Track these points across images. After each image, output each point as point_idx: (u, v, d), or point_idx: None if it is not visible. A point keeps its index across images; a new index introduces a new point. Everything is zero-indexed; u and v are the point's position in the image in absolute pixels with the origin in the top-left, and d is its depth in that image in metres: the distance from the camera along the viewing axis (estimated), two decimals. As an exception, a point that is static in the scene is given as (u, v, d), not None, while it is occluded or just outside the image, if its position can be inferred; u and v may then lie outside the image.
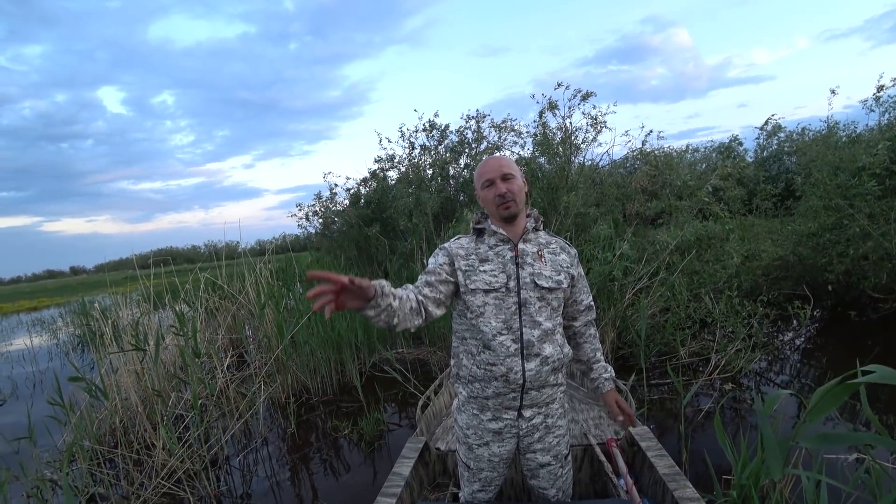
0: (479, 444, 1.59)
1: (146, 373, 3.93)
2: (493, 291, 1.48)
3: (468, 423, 1.61)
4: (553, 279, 1.51)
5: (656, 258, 5.21)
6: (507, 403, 1.52)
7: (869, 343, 5.01)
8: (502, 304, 1.48)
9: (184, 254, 40.47)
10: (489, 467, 1.60)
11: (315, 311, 1.39)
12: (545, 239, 1.59)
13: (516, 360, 1.47)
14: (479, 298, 1.49)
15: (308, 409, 4.46)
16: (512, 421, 1.55)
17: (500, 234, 1.52)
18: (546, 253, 1.55)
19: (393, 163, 9.21)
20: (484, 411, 1.56)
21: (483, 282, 1.49)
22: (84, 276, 37.04)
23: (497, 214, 1.52)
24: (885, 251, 5.18)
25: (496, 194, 1.48)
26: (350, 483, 3.21)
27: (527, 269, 1.49)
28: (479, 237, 1.58)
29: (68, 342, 9.12)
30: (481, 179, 1.53)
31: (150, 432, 3.61)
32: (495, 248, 1.53)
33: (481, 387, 1.53)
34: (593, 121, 7.32)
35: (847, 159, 5.78)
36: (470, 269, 1.51)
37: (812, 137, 12.82)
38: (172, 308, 5.03)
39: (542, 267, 1.51)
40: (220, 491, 3.18)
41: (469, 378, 1.56)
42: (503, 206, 1.49)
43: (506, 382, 1.48)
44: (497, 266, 1.50)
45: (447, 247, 1.56)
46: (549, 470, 1.60)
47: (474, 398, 1.57)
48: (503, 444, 1.57)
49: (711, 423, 3.50)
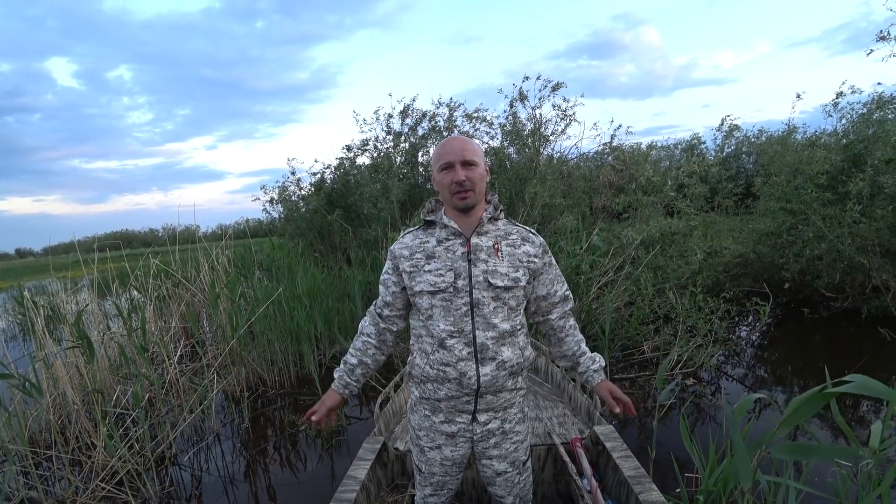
0: (431, 447, 1.49)
1: (87, 367, 3.67)
2: (440, 292, 1.35)
3: (420, 424, 1.51)
4: (509, 276, 1.36)
5: (622, 252, 5.24)
6: (461, 407, 1.42)
7: (819, 339, 5.21)
8: (450, 306, 1.34)
9: (141, 237, 38.90)
10: (441, 471, 1.51)
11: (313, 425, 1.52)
12: (504, 229, 1.42)
13: (470, 365, 1.35)
14: (426, 300, 1.37)
15: (265, 402, 4.29)
16: (466, 425, 1.44)
17: (451, 228, 1.37)
18: (504, 246, 1.38)
19: (366, 148, 8.96)
20: (436, 413, 1.46)
21: (427, 283, 1.35)
22: (31, 259, 35.11)
23: (452, 203, 1.36)
24: (838, 253, 5.38)
25: (454, 181, 1.33)
26: (308, 480, 3.09)
27: (479, 266, 1.34)
28: (427, 229, 1.43)
29: (7, 330, 8.56)
30: (440, 161, 1.36)
31: (89, 430, 3.37)
32: (445, 243, 1.38)
33: (434, 388, 1.42)
34: (562, 113, 7.32)
35: (804, 161, 5.98)
36: (414, 269, 1.38)
37: (769, 138, 13.31)
38: (115, 301, 4.75)
39: (498, 263, 1.36)
40: (167, 492, 3.00)
41: (422, 378, 1.44)
42: (459, 196, 1.33)
43: (459, 386, 1.37)
44: (444, 264, 1.35)
45: (392, 250, 1.45)
46: (505, 478, 1.51)
47: (426, 399, 1.46)
48: (456, 448, 1.47)
49: (672, 416, 3.54)
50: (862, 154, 5.68)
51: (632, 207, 7.01)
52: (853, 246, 5.26)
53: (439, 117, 8.52)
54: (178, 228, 6.62)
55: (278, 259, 6.65)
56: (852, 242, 5.26)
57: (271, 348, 4.65)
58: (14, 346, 6.84)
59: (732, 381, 4.16)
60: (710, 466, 1.32)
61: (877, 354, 4.44)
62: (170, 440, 3.44)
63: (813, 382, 4.10)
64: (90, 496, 2.82)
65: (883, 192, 5.20)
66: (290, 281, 5.41)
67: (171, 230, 8.27)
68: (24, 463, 3.03)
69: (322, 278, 5.91)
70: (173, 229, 6.82)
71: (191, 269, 5.89)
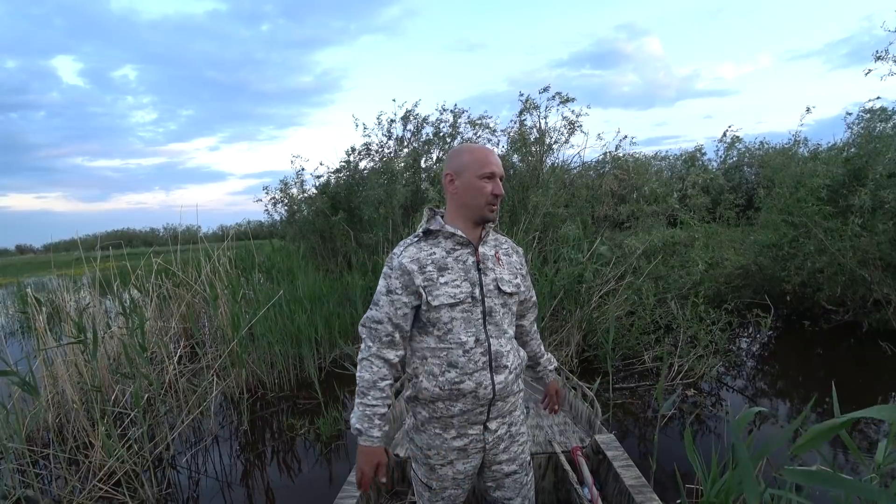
0: (443, 464, 1.47)
1: (86, 366, 3.66)
2: (460, 304, 1.34)
3: (429, 443, 1.47)
4: (513, 283, 1.42)
5: (624, 261, 5.24)
6: (474, 419, 1.42)
7: (820, 352, 5.20)
8: (470, 317, 1.35)
9: (142, 236, 38.77)
10: (453, 485, 1.50)
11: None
12: (497, 239, 1.48)
13: (485, 374, 1.36)
14: (446, 314, 1.34)
15: (264, 405, 4.28)
16: (478, 435, 1.44)
17: (458, 237, 1.35)
18: (502, 255, 1.45)
19: (368, 152, 8.98)
20: (447, 430, 1.44)
21: (447, 295, 1.33)
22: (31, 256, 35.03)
23: (482, 212, 1.36)
24: (839, 266, 5.38)
25: (493, 192, 1.34)
26: (306, 485, 3.08)
27: (489, 274, 1.37)
28: (429, 239, 1.38)
29: (6, 326, 8.54)
30: (484, 169, 1.34)
31: (88, 430, 3.35)
32: (453, 253, 1.36)
33: (446, 406, 1.40)
34: (568, 124, 7.38)
35: (807, 173, 5.98)
36: (430, 283, 1.34)
37: (773, 149, 13.32)
38: (116, 298, 4.74)
39: (502, 271, 1.40)
40: (164, 493, 2.99)
41: (430, 399, 1.41)
42: (491, 208, 1.36)
43: (475, 399, 1.38)
44: (458, 275, 1.34)
45: (401, 264, 1.34)
46: (514, 479, 1.52)
47: (437, 418, 1.44)
48: (468, 460, 1.47)
49: (672, 426, 3.53)
50: (863, 168, 5.70)
51: (634, 217, 7.02)
52: (854, 259, 5.26)
53: (444, 123, 8.56)
54: (180, 228, 6.63)
55: (279, 261, 6.65)
56: (853, 256, 5.26)
57: (271, 351, 4.64)
58: (13, 343, 6.83)
59: (733, 392, 4.15)
60: (712, 478, 1.31)
61: (877, 368, 4.44)
62: (168, 441, 3.43)
63: (813, 395, 4.08)
64: (87, 496, 2.80)
65: (884, 207, 5.21)
66: (290, 283, 5.41)
67: (172, 230, 8.27)
68: (21, 461, 3.01)
69: (323, 282, 5.91)
70: (174, 229, 6.83)
71: (192, 269, 5.88)
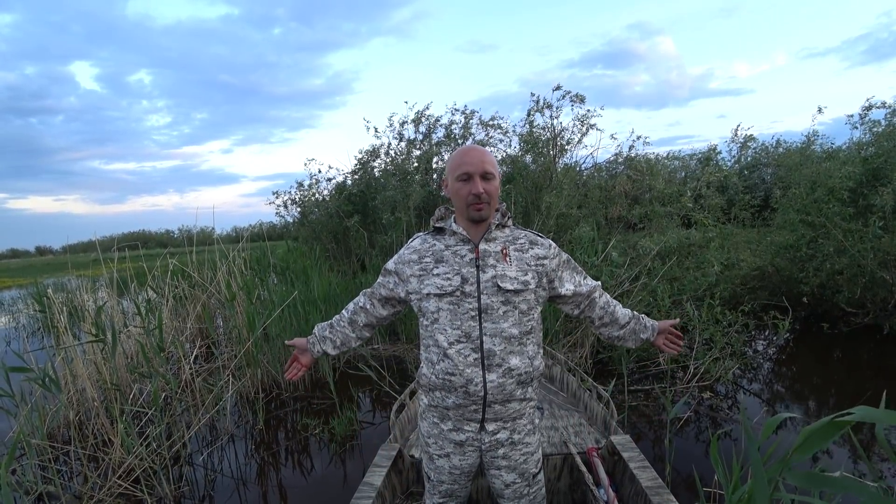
0: (440, 455, 1.48)
1: (105, 364, 3.72)
2: (447, 296, 1.36)
3: (429, 431, 1.50)
4: (518, 280, 1.37)
5: (638, 263, 5.20)
6: (469, 416, 1.41)
7: (839, 355, 5.11)
8: (457, 310, 1.35)
9: (157, 237, 39.29)
10: (450, 480, 1.50)
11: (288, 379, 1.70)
12: (512, 234, 1.44)
13: (476, 371, 1.35)
14: (433, 303, 1.38)
15: (278, 405, 4.31)
16: (474, 434, 1.43)
17: (460, 235, 1.39)
18: (512, 251, 1.40)
19: (379, 154, 9.02)
20: (445, 421, 1.45)
21: (434, 285, 1.37)
22: (50, 257, 35.70)
23: (466, 214, 1.37)
24: (859, 267, 5.29)
25: (472, 192, 1.33)
26: (319, 484, 3.10)
27: (489, 271, 1.36)
28: (437, 235, 1.45)
29: (28, 326, 8.71)
30: (458, 170, 1.35)
31: (107, 427, 3.41)
32: (453, 248, 1.40)
33: (442, 396, 1.42)
34: (581, 124, 7.35)
35: (824, 173, 5.89)
36: (423, 272, 1.40)
37: (789, 148, 13.15)
38: (134, 298, 4.81)
39: (507, 267, 1.37)
40: (181, 491, 3.02)
41: (429, 386, 1.44)
42: (475, 207, 1.34)
43: (466, 394, 1.37)
44: (451, 268, 1.37)
45: (401, 254, 1.50)
46: (513, 489, 1.48)
47: (435, 406, 1.46)
48: (465, 457, 1.46)
49: (688, 429, 3.49)
50: (881, 168, 5.60)
51: (647, 218, 6.96)
52: (875, 261, 5.17)
53: (455, 125, 8.57)
54: (195, 230, 6.71)
55: (293, 263, 6.70)
56: (874, 257, 5.17)
57: (286, 351, 4.67)
58: (34, 342, 6.97)
59: (749, 395, 4.09)
60: (733, 484, 1.30)
61: (899, 372, 4.35)
62: (185, 440, 3.47)
63: (833, 399, 4.02)
64: (107, 492, 2.84)
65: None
66: (305, 285, 5.44)
67: (186, 231, 8.37)
68: (43, 457, 3.07)
69: (337, 283, 5.94)
70: (189, 231, 6.91)
71: (207, 270, 5.95)
